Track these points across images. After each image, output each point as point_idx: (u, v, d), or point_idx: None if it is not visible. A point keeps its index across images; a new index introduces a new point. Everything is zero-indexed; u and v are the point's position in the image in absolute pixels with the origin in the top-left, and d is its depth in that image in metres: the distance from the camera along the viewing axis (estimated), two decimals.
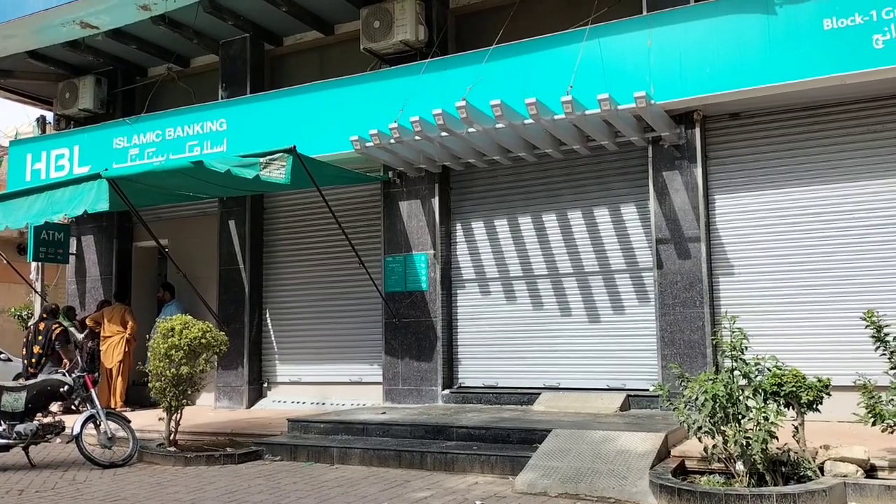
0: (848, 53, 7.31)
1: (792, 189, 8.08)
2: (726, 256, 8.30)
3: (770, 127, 8.25)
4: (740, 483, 5.30)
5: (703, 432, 5.41)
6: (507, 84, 8.66)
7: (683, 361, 7.95)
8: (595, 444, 6.43)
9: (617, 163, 9.00)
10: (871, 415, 5.29)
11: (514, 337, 9.44)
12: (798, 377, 5.39)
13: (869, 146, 7.80)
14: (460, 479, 6.45)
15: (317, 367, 10.75)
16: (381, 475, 6.73)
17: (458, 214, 9.95)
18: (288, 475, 6.86)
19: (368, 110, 9.52)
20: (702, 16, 8.05)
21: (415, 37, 9.66)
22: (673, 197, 8.37)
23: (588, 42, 8.37)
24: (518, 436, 7.07)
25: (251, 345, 11.02)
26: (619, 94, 7.73)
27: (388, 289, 9.92)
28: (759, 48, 7.72)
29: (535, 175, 9.46)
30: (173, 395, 7.94)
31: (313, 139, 9.68)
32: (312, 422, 8.27)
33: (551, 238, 9.32)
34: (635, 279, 8.83)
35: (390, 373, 9.83)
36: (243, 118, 10.65)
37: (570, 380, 9.00)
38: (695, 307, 8.16)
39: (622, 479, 5.72)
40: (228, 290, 11.16)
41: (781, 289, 8.02)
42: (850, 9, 7.33)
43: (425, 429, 7.59)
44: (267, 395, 11.09)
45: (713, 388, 5.33)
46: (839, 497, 5.07)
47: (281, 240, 11.28)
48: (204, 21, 10.84)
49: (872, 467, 5.46)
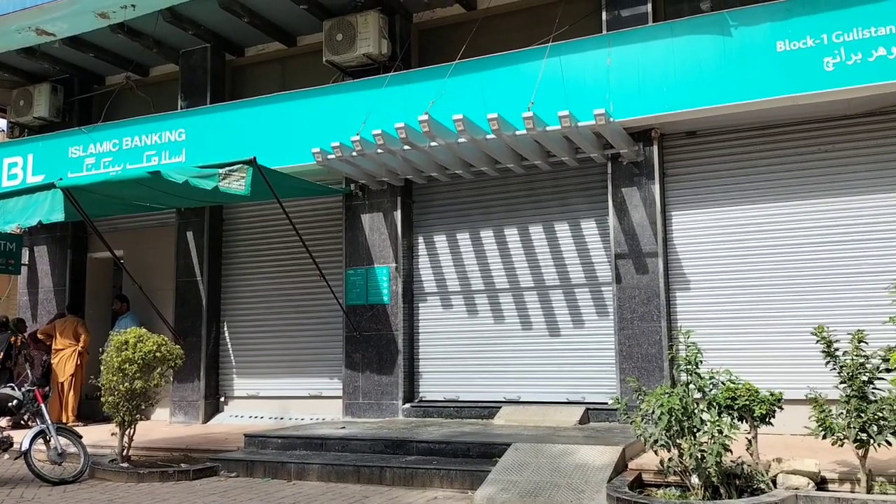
0: (800, 75, 7.52)
1: (746, 206, 8.26)
2: (683, 271, 8.44)
3: (725, 145, 8.43)
4: (695, 496, 5.36)
5: (660, 445, 5.48)
6: (469, 99, 8.72)
7: (641, 375, 8.05)
8: (554, 458, 6.46)
9: (577, 178, 9.11)
10: (821, 428, 5.41)
11: (476, 350, 9.46)
12: (751, 391, 5.50)
13: (819, 165, 8.02)
14: (420, 494, 6.42)
15: (275, 381, 10.62)
16: (340, 491, 6.66)
17: (420, 228, 9.95)
18: (243, 491, 6.75)
19: (331, 123, 9.50)
20: (660, 36, 8.22)
21: (378, 50, 9.68)
22: (631, 213, 8.49)
23: (549, 59, 8.48)
24: (478, 450, 7.06)
25: (208, 358, 10.85)
26: (580, 110, 7.83)
27: (349, 302, 9.87)
28: (715, 68, 7.90)
29: (497, 189, 9.53)
30: (127, 409, 7.77)
31: (274, 151, 9.63)
32: (270, 437, 8.16)
33: (512, 252, 9.38)
34: (595, 293, 8.92)
35: (350, 387, 9.76)
36: (203, 129, 10.54)
37: (531, 393, 9.05)
38: (652, 321, 8.27)
39: (580, 493, 5.75)
40: (185, 303, 10.99)
41: (735, 304, 8.18)
42: (802, 32, 7.55)
43: (385, 443, 7.54)
44: (224, 409, 10.92)
45: (669, 401, 5.40)
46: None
47: (240, 252, 11.16)
48: (164, 30, 10.74)
49: (823, 480, 5.58)
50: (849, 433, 5.27)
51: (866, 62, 7.27)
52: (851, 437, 5.25)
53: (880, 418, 5.20)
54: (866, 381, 5.34)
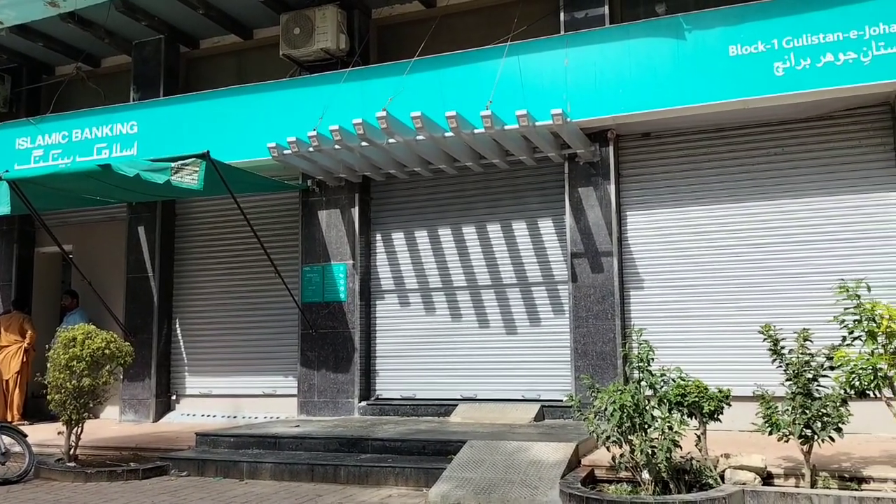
0: (751, 79, 7.69)
1: (697, 207, 8.42)
2: (637, 271, 8.56)
3: (679, 147, 8.58)
4: (646, 491, 5.45)
5: (612, 442, 5.55)
6: (428, 96, 8.71)
7: (595, 372, 8.15)
8: (508, 455, 6.50)
9: (534, 178, 9.17)
10: (768, 424, 5.53)
11: (433, 348, 9.46)
12: (701, 388, 5.60)
13: (768, 168, 8.21)
14: (374, 493, 6.40)
15: (229, 379, 10.48)
16: (293, 490, 6.60)
17: (378, 225, 9.91)
18: (194, 491, 6.65)
19: (287, 117, 9.41)
20: (616, 38, 8.31)
21: (336, 45, 9.60)
22: (588, 212, 8.58)
23: (508, 58, 8.52)
24: (434, 447, 7.06)
25: (159, 356, 10.65)
26: (537, 110, 7.88)
27: (305, 299, 9.78)
28: (670, 71, 8.03)
29: (455, 187, 9.54)
30: (74, 408, 7.59)
31: (229, 145, 9.50)
32: (222, 435, 8.05)
33: (470, 250, 9.40)
34: (551, 292, 8.99)
35: (306, 385, 9.67)
36: (156, 121, 10.34)
37: (487, 391, 9.08)
38: (607, 320, 8.38)
39: (533, 489, 5.80)
40: (136, 299, 10.77)
41: (686, 303, 8.33)
42: (754, 37, 7.72)
43: (340, 442, 7.50)
44: (175, 408, 10.73)
45: (621, 398, 5.47)
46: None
47: (193, 247, 10.97)
48: (116, 20, 10.50)
49: (769, 475, 5.71)
50: (794, 429, 5.40)
51: (815, 68, 7.47)
52: (796, 433, 5.39)
53: (824, 415, 5.34)
54: (811, 378, 5.48)
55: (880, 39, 7.27)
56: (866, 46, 7.32)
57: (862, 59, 7.32)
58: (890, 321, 5.26)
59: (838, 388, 5.37)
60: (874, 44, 7.29)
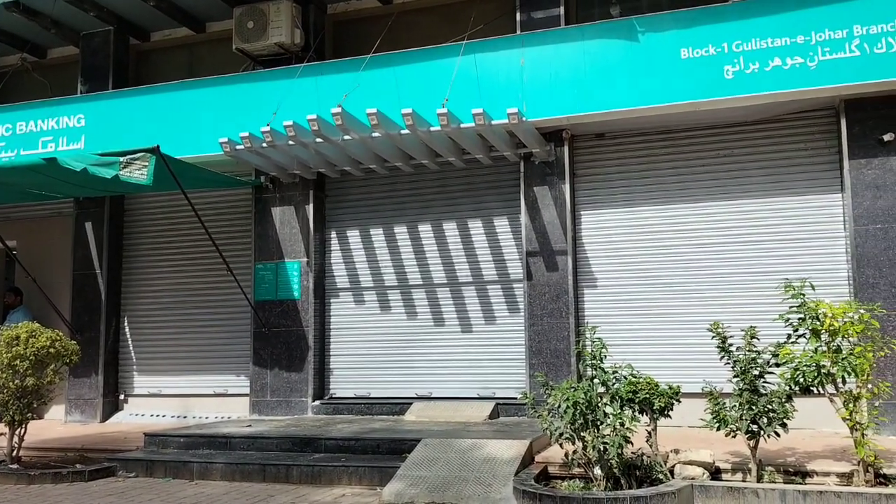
0: (702, 82, 7.84)
1: (649, 207, 8.55)
2: (590, 269, 8.65)
3: (631, 148, 8.70)
4: (598, 487, 5.51)
5: (565, 438, 5.59)
6: (384, 93, 8.67)
7: (550, 370, 8.22)
8: (463, 453, 6.51)
9: (491, 176, 9.20)
10: (716, 420, 5.65)
11: (388, 347, 9.42)
12: (651, 385, 5.68)
13: (718, 169, 8.38)
14: (327, 492, 6.35)
15: (179, 378, 10.28)
16: (244, 490, 6.51)
17: (332, 222, 9.84)
18: (143, 492, 6.50)
19: (240, 112, 9.27)
20: (571, 39, 8.39)
21: (290, 40, 9.50)
22: (543, 211, 8.64)
23: (464, 57, 8.53)
24: (388, 446, 7.03)
25: (107, 355, 10.40)
26: (494, 109, 7.91)
27: (257, 297, 9.65)
28: (624, 73, 8.13)
29: (411, 185, 9.52)
30: (17, 408, 7.35)
31: (180, 140, 9.32)
32: (172, 435, 7.89)
33: (426, 248, 9.39)
34: (506, 290, 9.04)
35: (258, 384, 9.55)
36: (104, 115, 10.09)
37: (442, 389, 9.09)
38: (561, 318, 8.45)
39: (487, 487, 5.81)
40: (83, 297, 10.50)
41: (638, 301, 8.46)
42: (705, 40, 7.87)
43: (293, 441, 7.42)
44: (123, 408, 10.50)
45: (574, 395, 5.52)
46: (687, 498, 5.37)
47: (143, 244, 10.74)
48: (63, 10, 10.23)
49: (717, 470, 5.82)
50: (741, 425, 5.52)
51: (763, 72, 7.65)
52: (743, 428, 5.51)
53: (770, 411, 5.48)
54: (757, 375, 5.61)
55: (826, 45, 7.48)
56: (812, 52, 7.52)
57: (808, 63, 7.52)
58: (833, 320, 5.42)
59: (783, 385, 5.51)
60: (820, 49, 7.50)
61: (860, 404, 5.46)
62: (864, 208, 7.54)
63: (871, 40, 7.36)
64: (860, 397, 5.46)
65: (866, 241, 7.50)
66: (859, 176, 7.58)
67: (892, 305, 7.27)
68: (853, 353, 5.40)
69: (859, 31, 7.40)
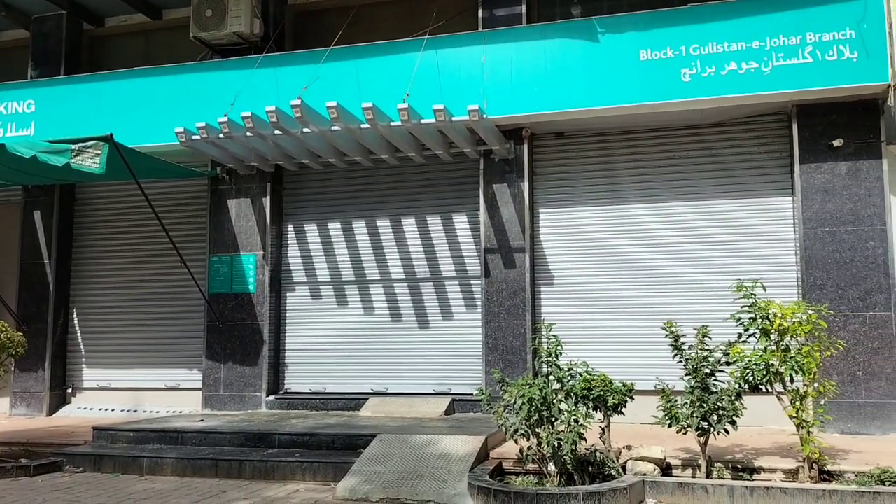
0: (660, 84, 7.94)
1: (606, 206, 8.65)
2: (548, 267, 8.72)
3: (589, 147, 8.78)
4: (552, 483, 5.56)
5: (520, 434, 5.63)
6: (344, 86, 8.61)
7: (506, 367, 8.26)
8: (418, 448, 6.51)
9: (450, 173, 9.20)
10: (668, 417, 5.74)
11: (344, 342, 9.37)
12: (606, 382, 5.75)
13: (673, 170, 8.51)
14: (281, 488, 6.28)
15: (129, 371, 10.08)
16: (196, 486, 6.40)
17: (290, 215, 9.73)
18: (90, 488, 6.36)
19: (197, 102, 9.12)
20: (532, 37, 8.43)
21: (250, 30, 9.36)
22: (501, 209, 8.67)
23: (426, 52, 8.51)
24: (342, 441, 7.00)
25: (55, 347, 10.15)
26: (454, 105, 7.91)
27: (212, 290, 9.50)
28: (583, 72, 8.20)
29: (370, 180, 9.47)
30: None
31: (135, 128, 9.14)
32: (121, 430, 7.73)
33: (384, 243, 9.35)
34: (464, 287, 9.05)
35: (211, 378, 9.40)
36: (55, 101, 9.83)
37: (399, 385, 9.07)
38: (518, 315, 8.50)
39: (442, 482, 5.82)
40: (30, 287, 10.21)
41: (594, 299, 8.55)
42: (663, 43, 7.98)
43: (246, 436, 7.33)
44: (71, 401, 10.25)
45: (529, 392, 5.56)
46: (638, 494, 5.46)
47: (94, 234, 10.48)
48: None
49: (668, 466, 5.92)
50: (692, 422, 5.62)
51: (719, 75, 7.78)
52: (694, 425, 5.61)
53: (720, 408, 5.58)
54: (709, 373, 5.71)
55: (780, 51, 7.65)
56: (767, 57, 7.68)
57: (763, 68, 7.68)
58: (782, 320, 5.55)
59: (734, 383, 5.62)
60: (774, 55, 7.66)
61: (806, 402, 5.61)
62: (813, 211, 7.74)
63: (823, 47, 7.54)
64: (807, 396, 5.60)
65: (815, 244, 7.70)
66: (809, 180, 7.78)
67: (839, 307, 7.48)
68: (801, 352, 5.54)
69: (812, 39, 7.58)
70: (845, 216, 7.64)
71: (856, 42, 7.45)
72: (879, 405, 7.33)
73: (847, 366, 7.41)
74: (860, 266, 7.55)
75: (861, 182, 7.63)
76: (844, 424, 7.35)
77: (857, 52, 7.44)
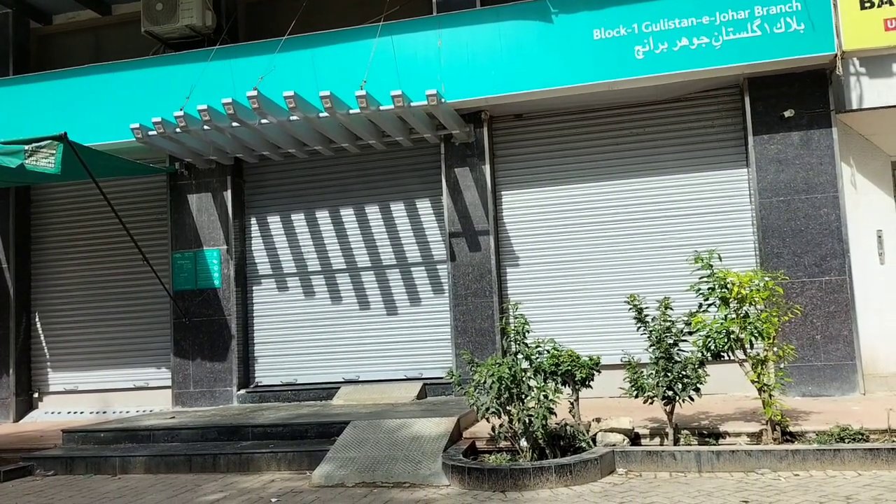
0: (614, 62, 8.04)
1: (567, 186, 8.75)
2: (512, 248, 8.80)
3: (549, 128, 8.86)
4: (524, 458, 5.66)
5: (491, 413, 5.72)
6: (301, 76, 8.56)
7: (475, 348, 8.34)
8: (391, 432, 6.56)
9: (412, 159, 9.22)
10: (634, 388, 5.87)
11: (313, 332, 9.36)
12: (573, 357, 5.86)
13: (632, 148, 8.63)
14: (256, 479, 6.30)
15: (97, 373, 9.97)
16: (171, 482, 6.39)
17: (252, 208, 9.67)
18: (63, 489, 6.30)
19: (152, 97, 9.00)
20: (487, 20, 8.46)
21: (202, 22, 9.25)
22: (464, 192, 8.72)
23: (381, 39, 8.49)
24: (316, 430, 7.03)
25: (18, 352, 9.98)
26: (413, 91, 7.92)
27: (176, 287, 9.42)
28: (539, 53, 8.26)
29: (332, 169, 9.44)
30: None
31: (89, 126, 9.00)
32: (92, 431, 7.66)
33: (349, 232, 9.35)
34: (430, 272, 9.10)
35: (180, 375, 9.34)
36: (5, 102, 9.63)
37: (370, 372, 9.11)
38: (485, 297, 8.58)
39: (416, 464, 5.89)
40: None
41: (558, 277, 8.66)
42: (616, 21, 8.06)
43: (218, 430, 7.31)
44: (38, 406, 10.11)
45: (499, 371, 5.64)
46: (609, 464, 5.58)
47: (53, 236, 10.31)
48: None
49: (637, 435, 6.06)
50: (657, 392, 5.76)
51: (672, 51, 7.90)
52: (660, 395, 5.75)
53: (684, 377, 5.72)
54: (672, 343, 5.85)
55: (730, 25, 7.78)
56: (717, 32, 7.81)
57: (714, 43, 7.81)
58: (740, 288, 5.70)
59: (696, 352, 5.76)
60: (724, 29, 7.79)
61: (767, 367, 5.78)
62: (767, 182, 7.92)
63: (772, 20, 7.70)
64: (767, 360, 5.77)
65: (770, 213, 7.88)
66: (763, 151, 7.95)
67: (795, 273, 7.68)
68: (760, 318, 5.69)
69: (760, 12, 7.72)
70: (799, 185, 7.83)
71: (802, 14, 7.61)
72: (837, 367, 7.56)
73: (806, 330, 7.63)
74: (815, 233, 7.76)
75: (812, 151, 7.83)
76: (805, 387, 7.57)
77: (803, 24, 7.60)
